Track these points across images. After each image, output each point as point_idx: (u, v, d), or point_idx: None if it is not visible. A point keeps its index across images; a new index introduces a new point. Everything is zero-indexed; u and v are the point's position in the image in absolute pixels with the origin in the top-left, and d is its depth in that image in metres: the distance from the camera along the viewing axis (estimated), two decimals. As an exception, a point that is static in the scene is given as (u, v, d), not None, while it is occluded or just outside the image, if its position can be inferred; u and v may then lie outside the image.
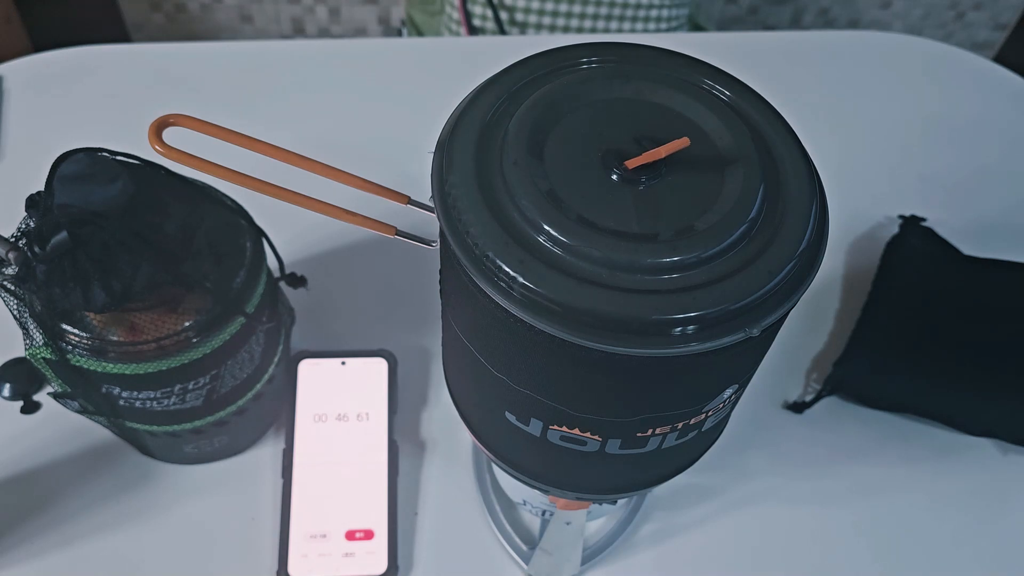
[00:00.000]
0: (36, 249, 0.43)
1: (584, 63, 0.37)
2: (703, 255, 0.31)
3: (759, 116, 0.36)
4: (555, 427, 0.37)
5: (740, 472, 0.60)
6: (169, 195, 0.48)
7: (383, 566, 0.53)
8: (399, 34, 1.59)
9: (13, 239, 0.45)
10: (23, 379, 0.59)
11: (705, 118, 0.35)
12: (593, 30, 1.11)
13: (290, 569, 0.53)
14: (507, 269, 0.30)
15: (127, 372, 0.46)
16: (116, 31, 1.60)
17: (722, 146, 0.34)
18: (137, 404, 0.49)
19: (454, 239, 0.32)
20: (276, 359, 0.55)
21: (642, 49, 0.38)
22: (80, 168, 0.45)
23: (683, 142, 0.32)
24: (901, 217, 0.72)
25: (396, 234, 0.37)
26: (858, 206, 0.74)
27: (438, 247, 0.36)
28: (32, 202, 0.45)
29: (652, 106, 0.36)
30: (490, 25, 1.12)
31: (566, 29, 1.11)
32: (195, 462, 0.58)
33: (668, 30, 1.13)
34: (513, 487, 0.56)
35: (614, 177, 0.33)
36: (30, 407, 0.59)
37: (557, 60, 0.37)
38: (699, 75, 0.37)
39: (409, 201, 0.37)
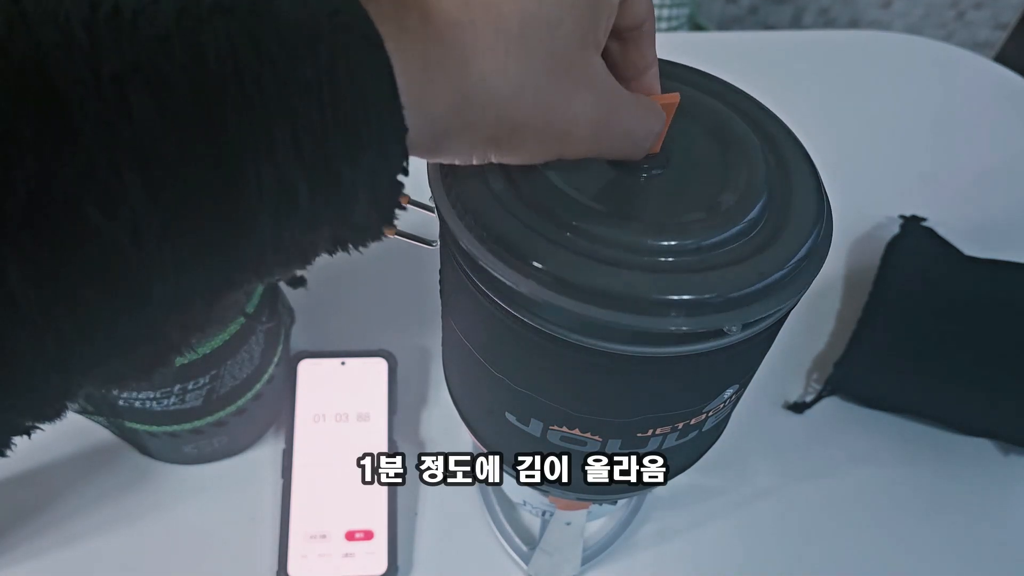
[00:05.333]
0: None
1: (584, 63, 0.37)
2: (702, 255, 0.31)
3: (759, 116, 0.36)
4: (555, 427, 0.37)
5: (740, 472, 0.60)
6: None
7: (383, 567, 0.53)
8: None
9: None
10: (23, 379, 0.59)
11: (705, 118, 0.35)
12: (593, 30, 1.11)
13: (290, 569, 0.53)
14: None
15: (127, 372, 0.46)
16: (116, 31, 1.59)
17: (722, 146, 0.34)
18: (137, 404, 0.49)
19: (453, 239, 0.32)
20: (276, 359, 0.55)
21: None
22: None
23: (674, 96, 0.32)
24: (902, 217, 0.72)
25: (396, 234, 0.37)
26: (858, 206, 0.74)
27: (438, 247, 0.36)
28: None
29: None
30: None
31: (566, 29, 1.11)
32: (195, 462, 0.57)
33: (668, 30, 1.13)
34: (513, 487, 0.56)
35: (616, 172, 0.33)
36: (30, 407, 0.59)
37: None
38: (694, 77, 0.37)
39: (409, 201, 0.37)
